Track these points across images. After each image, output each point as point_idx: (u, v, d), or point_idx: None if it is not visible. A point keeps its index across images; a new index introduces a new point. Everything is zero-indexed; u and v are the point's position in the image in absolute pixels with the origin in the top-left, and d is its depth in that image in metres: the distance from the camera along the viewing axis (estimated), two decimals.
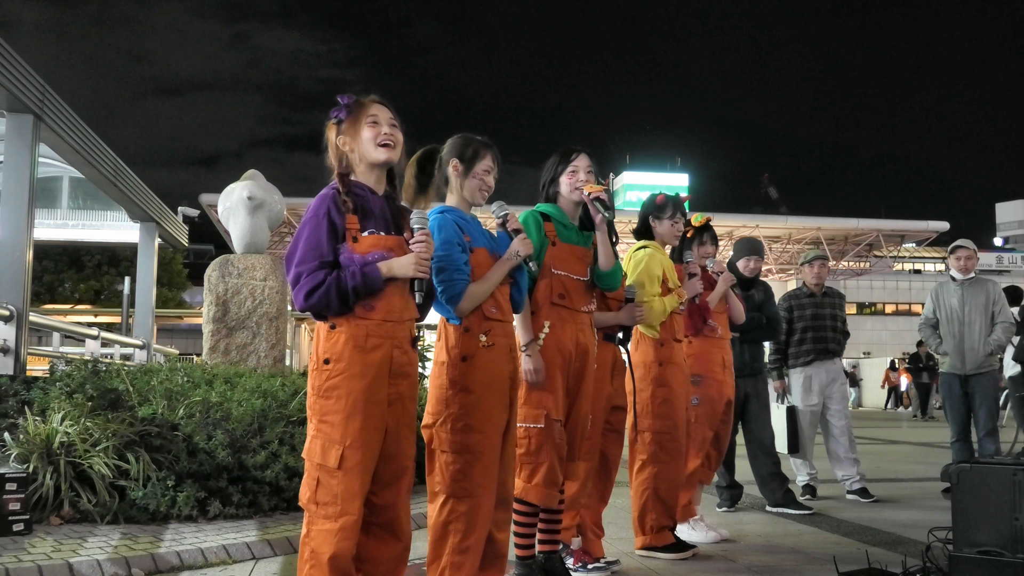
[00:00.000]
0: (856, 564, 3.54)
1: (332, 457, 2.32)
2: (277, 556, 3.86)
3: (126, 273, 22.46)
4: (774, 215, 33.18)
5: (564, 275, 3.25)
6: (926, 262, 51.71)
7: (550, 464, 3.12)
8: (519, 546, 3.26)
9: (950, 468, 4.24)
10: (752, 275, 5.57)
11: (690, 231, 4.47)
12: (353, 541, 2.34)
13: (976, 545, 3.20)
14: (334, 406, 2.34)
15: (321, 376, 2.36)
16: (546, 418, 3.11)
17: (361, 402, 2.35)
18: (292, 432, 4.78)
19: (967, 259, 6.38)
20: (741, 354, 5.39)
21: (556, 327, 3.18)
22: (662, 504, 3.98)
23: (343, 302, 2.35)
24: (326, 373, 2.36)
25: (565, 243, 3.30)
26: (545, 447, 3.11)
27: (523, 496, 3.15)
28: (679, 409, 4.01)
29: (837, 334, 6.28)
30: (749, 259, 5.57)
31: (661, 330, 4.02)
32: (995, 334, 6.15)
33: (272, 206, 7.56)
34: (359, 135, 2.51)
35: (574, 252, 3.31)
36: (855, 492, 5.96)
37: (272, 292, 7.11)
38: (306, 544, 2.36)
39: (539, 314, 3.18)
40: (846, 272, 34.29)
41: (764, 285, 5.72)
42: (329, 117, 2.53)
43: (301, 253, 2.37)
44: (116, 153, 8.58)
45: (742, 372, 5.37)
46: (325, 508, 2.32)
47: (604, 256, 3.38)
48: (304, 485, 2.38)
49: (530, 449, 3.12)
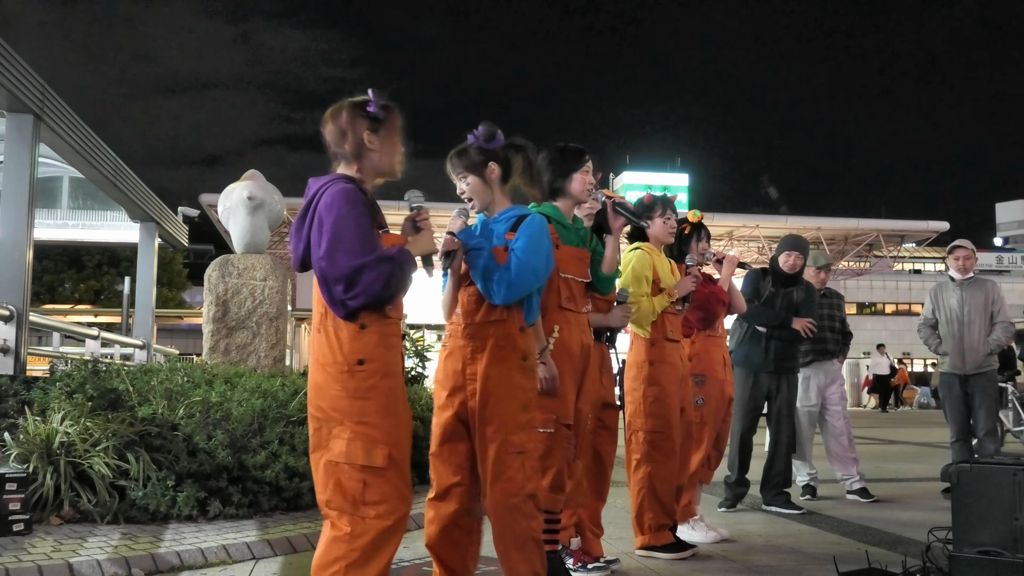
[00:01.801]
0: (856, 564, 3.54)
1: (379, 457, 2.27)
2: (277, 556, 3.86)
3: (126, 273, 22.45)
4: (774, 215, 33.14)
5: (570, 278, 3.24)
6: (926, 262, 51.69)
7: (559, 469, 3.12)
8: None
9: (950, 468, 4.24)
10: (792, 271, 5.49)
11: (687, 227, 4.47)
12: (400, 538, 2.35)
13: (976, 545, 3.21)
14: (373, 406, 2.29)
15: (356, 378, 2.29)
16: (556, 423, 3.10)
17: (397, 400, 2.34)
18: (292, 432, 4.78)
19: (965, 259, 6.37)
20: (766, 351, 5.38)
21: (564, 331, 3.17)
22: (659, 503, 3.98)
23: (404, 290, 2.35)
24: (362, 374, 2.29)
25: (567, 245, 3.28)
26: (555, 452, 3.10)
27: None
28: (672, 408, 4.01)
29: (836, 335, 6.27)
30: (790, 254, 5.47)
31: (652, 330, 4.02)
32: (994, 334, 6.14)
33: (272, 206, 7.56)
34: (390, 145, 2.47)
35: (575, 254, 3.29)
36: (855, 492, 5.96)
37: (272, 292, 7.11)
38: (347, 544, 2.25)
39: (547, 318, 3.14)
40: (846, 272, 34.29)
41: (807, 285, 5.62)
42: (360, 109, 2.43)
43: (354, 244, 2.25)
44: (119, 152, 8.59)
45: (766, 368, 5.36)
46: (376, 508, 2.27)
47: (610, 261, 3.38)
48: (337, 490, 2.28)
49: (540, 454, 3.11)
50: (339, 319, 2.31)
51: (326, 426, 2.31)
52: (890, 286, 47.83)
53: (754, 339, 5.44)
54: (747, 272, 5.58)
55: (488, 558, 3.87)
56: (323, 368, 2.33)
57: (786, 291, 5.46)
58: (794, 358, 5.53)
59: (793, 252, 5.49)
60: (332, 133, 2.44)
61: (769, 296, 5.47)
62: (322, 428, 2.32)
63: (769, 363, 5.38)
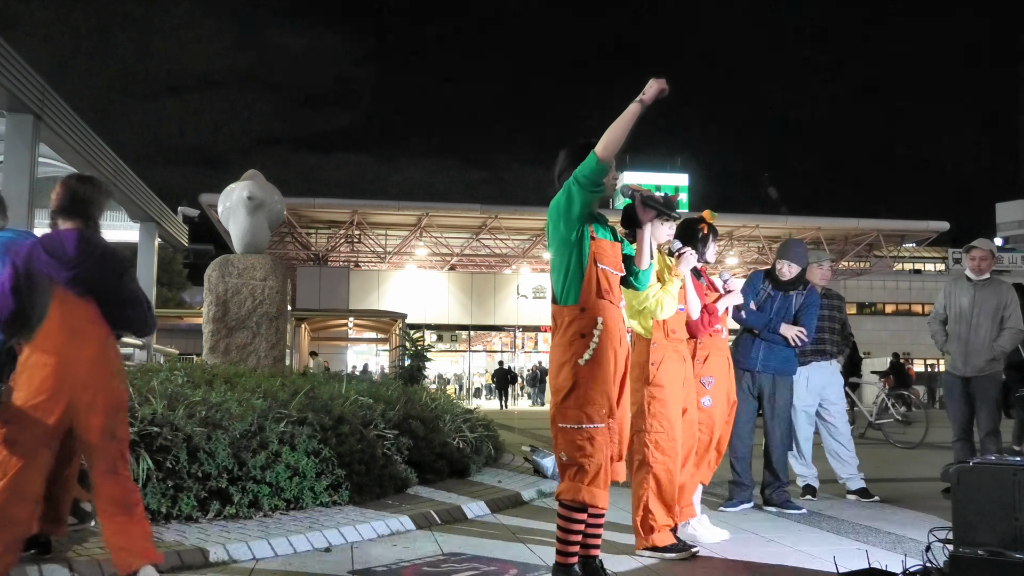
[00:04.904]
0: (856, 564, 3.55)
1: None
2: (277, 556, 3.86)
3: None
4: (774, 215, 33.10)
5: (607, 269, 3.26)
6: (926, 262, 51.68)
7: (604, 465, 3.13)
8: (563, 553, 3.20)
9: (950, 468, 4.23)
10: (787, 278, 5.54)
11: (704, 227, 4.48)
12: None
13: (976, 545, 3.20)
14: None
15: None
16: (606, 417, 3.12)
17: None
18: (292, 432, 4.77)
19: (981, 259, 6.22)
20: (758, 351, 5.43)
21: (607, 322, 3.19)
22: (661, 504, 3.98)
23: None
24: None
25: (601, 238, 3.30)
26: (603, 447, 3.12)
27: (582, 499, 3.12)
28: (673, 408, 4.01)
29: (835, 335, 6.26)
30: (783, 263, 5.56)
31: (654, 330, 4.02)
32: (1001, 339, 6.04)
33: (272, 206, 7.56)
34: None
35: (609, 247, 3.32)
36: (855, 492, 5.96)
37: (272, 292, 7.10)
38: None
39: (590, 310, 3.17)
40: (846, 272, 34.28)
41: (811, 290, 5.62)
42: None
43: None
44: (123, 152, 8.64)
45: (758, 368, 5.40)
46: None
47: (645, 254, 3.38)
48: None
49: (591, 450, 3.11)
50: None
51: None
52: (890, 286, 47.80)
53: (748, 339, 5.51)
54: (751, 274, 5.75)
55: (488, 558, 3.88)
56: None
57: (784, 295, 5.49)
58: (788, 360, 5.53)
59: (785, 261, 5.56)
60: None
61: (765, 299, 5.52)
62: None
63: (760, 363, 5.44)
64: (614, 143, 3.09)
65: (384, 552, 4.01)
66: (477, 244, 31.18)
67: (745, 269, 32.09)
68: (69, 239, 3.30)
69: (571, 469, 3.15)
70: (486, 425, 7.26)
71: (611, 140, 3.09)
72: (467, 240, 30.72)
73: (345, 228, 29.60)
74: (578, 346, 3.16)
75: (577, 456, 3.12)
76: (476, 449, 6.50)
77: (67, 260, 3.25)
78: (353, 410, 5.41)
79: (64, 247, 3.28)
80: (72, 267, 3.26)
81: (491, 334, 34.03)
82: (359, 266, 32.54)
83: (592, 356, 3.14)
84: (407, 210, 28.08)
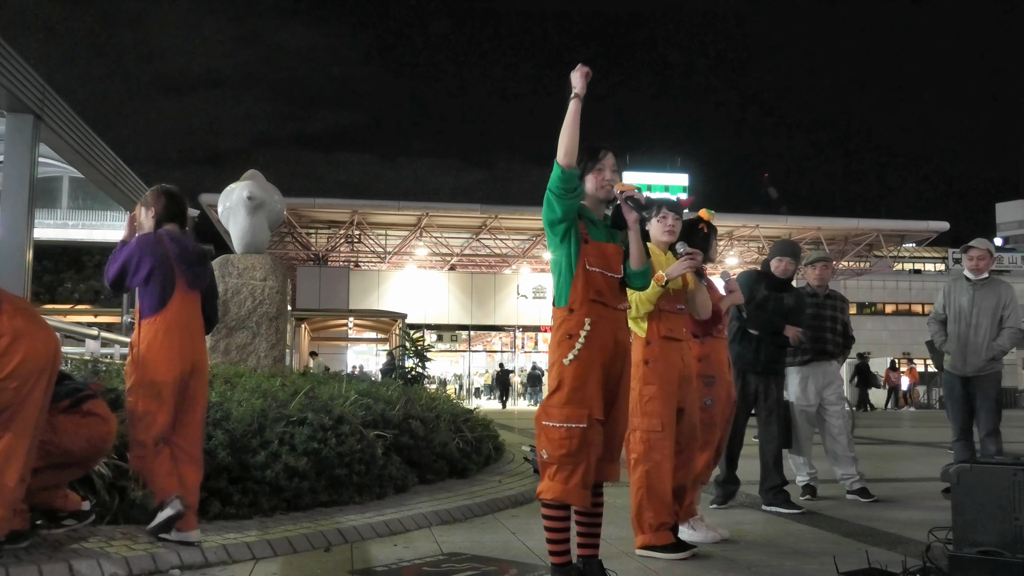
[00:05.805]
0: (856, 564, 3.55)
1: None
2: (277, 556, 3.86)
3: None
4: (774, 215, 33.08)
5: (598, 272, 3.27)
6: (926, 262, 51.66)
7: (588, 465, 3.15)
8: (555, 553, 3.24)
9: (950, 468, 4.24)
10: (783, 276, 5.55)
11: (704, 227, 4.48)
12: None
13: (976, 545, 3.21)
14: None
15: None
16: (588, 418, 3.14)
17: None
18: (292, 432, 4.77)
19: (979, 259, 6.22)
20: (757, 352, 5.43)
21: (596, 324, 3.22)
22: (658, 502, 3.99)
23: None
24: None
25: (596, 241, 3.32)
26: (585, 448, 3.14)
27: (560, 498, 3.15)
28: (668, 407, 4.02)
29: (836, 336, 6.25)
30: (781, 260, 5.55)
31: (649, 329, 4.03)
32: (1000, 339, 6.04)
33: (272, 206, 7.56)
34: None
35: (605, 249, 3.33)
36: (855, 492, 5.96)
37: (272, 292, 7.11)
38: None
39: (578, 311, 3.22)
40: (846, 272, 34.27)
41: (797, 292, 5.67)
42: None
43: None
44: (123, 152, 8.63)
45: (755, 369, 5.40)
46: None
47: (636, 256, 3.39)
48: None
49: (571, 449, 3.14)
50: None
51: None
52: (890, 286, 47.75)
53: (745, 339, 5.51)
54: (742, 274, 5.77)
55: (488, 558, 3.88)
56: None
57: (778, 295, 5.49)
58: (781, 360, 5.61)
59: (785, 258, 5.57)
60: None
61: (762, 300, 5.51)
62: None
63: (758, 364, 5.45)
64: (569, 145, 3.16)
65: (384, 552, 4.01)
66: (477, 244, 31.18)
67: (745, 269, 32.09)
68: (189, 241, 3.92)
69: (551, 467, 3.19)
70: (486, 425, 7.26)
71: (565, 143, 3.17)
72: (467, 240, 30.72)
73: (345, 228, 29.61)
74: (565, 347, 3.22)
75: (557, 454, 3.15)
76: (476, 449, 6.51)
77: (190, 258, 3.87)
78: (353, 410, 5.41)
79: (187, 247, 3.89)
80: (193, 264, 3.89)
81: (491, 334, 34.02)
82: (359, 266, 32.54)
83: (576, 357, 3.19)
84: (407, 210, 28.08)
